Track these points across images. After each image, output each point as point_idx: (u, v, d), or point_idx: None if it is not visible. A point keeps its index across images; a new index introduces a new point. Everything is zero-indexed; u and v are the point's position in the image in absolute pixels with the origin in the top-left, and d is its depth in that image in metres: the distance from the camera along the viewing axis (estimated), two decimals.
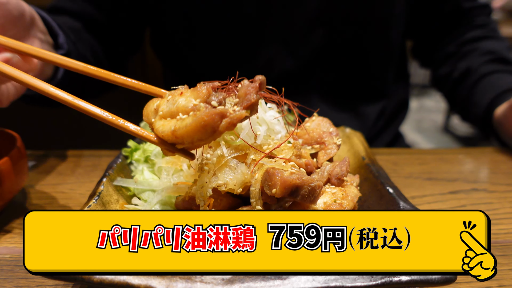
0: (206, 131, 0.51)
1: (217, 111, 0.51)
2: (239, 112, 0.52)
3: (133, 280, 0.48)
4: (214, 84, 0.57)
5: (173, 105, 0.56)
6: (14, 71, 0.61)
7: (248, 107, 0.54)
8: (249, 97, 0.54)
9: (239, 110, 0.52)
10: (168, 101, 0.58)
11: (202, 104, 0.54)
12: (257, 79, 0.56)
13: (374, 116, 1.36)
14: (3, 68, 0.62)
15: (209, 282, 0.49)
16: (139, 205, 0.73)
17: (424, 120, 4.88)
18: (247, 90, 0.55)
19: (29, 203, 0.84)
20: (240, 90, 0.56)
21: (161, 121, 0.57)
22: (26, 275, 0.62)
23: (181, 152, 0.59)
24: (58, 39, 0.96)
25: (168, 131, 0.55)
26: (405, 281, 0.50)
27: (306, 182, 0.58)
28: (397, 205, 0.66)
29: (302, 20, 1.20)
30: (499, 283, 0.63)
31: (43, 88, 0.59)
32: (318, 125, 0.78)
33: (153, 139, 0.59)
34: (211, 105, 0.54)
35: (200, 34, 1.24)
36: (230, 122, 0.51)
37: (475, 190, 0.93)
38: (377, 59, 1.34)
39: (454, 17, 1.41)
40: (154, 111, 0.60)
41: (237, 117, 0.51)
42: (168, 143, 0.57)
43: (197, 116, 0.52)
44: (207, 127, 0.51)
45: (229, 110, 0.51)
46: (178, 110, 0.55)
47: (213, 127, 0.51)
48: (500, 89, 1.21)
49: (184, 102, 0.55)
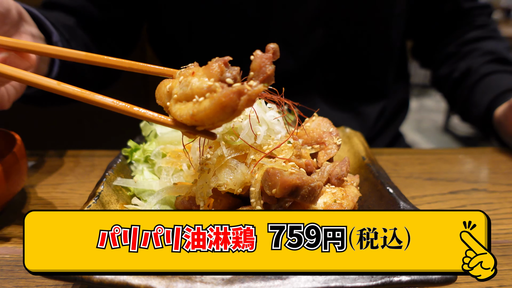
0: (225, 112, 0.49)
1: (234, 90, 0.48)
2: (256, 87, 0.48)
3: (133, 280, 0.48)
4: (225, 59, 0.54)
5: (187, 87, 0.54)
6: (14, 71, 0.60)
7: (264, 80, 0.51)
8: (264, 70, 0.51)
9: (256, 84, 0.49)
10: (181, 83, 0.56)
11: (217, 84, 0.51)
12: (270, 47, 0.53)
13: (374, 116, 1.36)
14: (3, 68, 0.60)
15: (209, 282, 0.49)
16: (139, 205, 0.73)
17: (424, 120, 4.88)
18: (262, 62, 0.51)
19: (29, 203, 0.84)
20: (253, 62, 0.52)
21: (177, 105, 0.55)
22: (26, 275, 0.62)
23: (202, 133, 0.57)
24: (52, 37, 0.94)
25: (187, 115, 0.52)
26: (405, 281, 0.50)
27: (306, 182, 0.58)
28: (397, 205, 0.66)
29: (303, 20, 1.20)
30: (499, 283, 0.63)
31: (50, 84, 0.57)
32: (318, 125, 0.78)
33: (171, 123, 0.57)
34: (226, 82, 0.51)
35: (200, 34, 1.24)
36: (249, 99, 0.48)
37: (475, 190, 0.93)
38: (378, 59, 1.34)
39: (454, 17, 1.41)
40: (167, 93, 0.58)
41: (255, 92, 0.48)
42: (187, 126, 0.55)
43: (214, 98, 0.49)
44: (226, 108, 0.48)
45: (246, 87, 0.48)
46: (193, 93, 0.53)
47: (233, 107, 0.48)
48: (500, 89, 1.21)
49: (198, 83, 0.52)
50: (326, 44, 1.24)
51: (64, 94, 0.57)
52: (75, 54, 0.64)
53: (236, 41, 1.23)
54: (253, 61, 0.53)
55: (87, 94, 0.57)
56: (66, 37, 1.02)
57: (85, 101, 0.57)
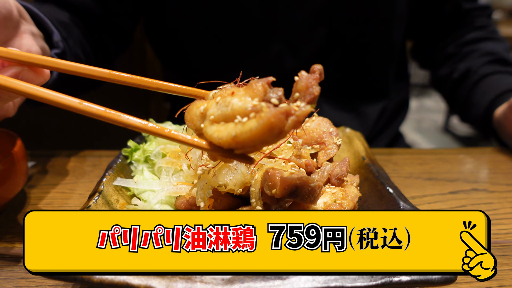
0: (272, 133, 0.46)
1: (282, 111, 0.45)
2: (304, 108, 0.46)
3: (133, 280, 0.48)
4: (268, 80, 0.51)
5: (226, 108, 0.50)
6: (33, 88, 0.55)
7: (311, 101, 0.50)
8: (311, 90, 0.50)
9: (304, 106, 0.47)
10: (218, 103, 0.52)
11: (263, 103, 0.48)
12: (316, 68, 0.51)
13: (375, 116, 1.36)
14: (20, 86, 0.55)
15: (209, 282, 0.49)
16: (139, 205, 0.73)
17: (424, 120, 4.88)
18: (309, 83, 0.50)
19: (29, 203, 0.84)
20: (299, 83, 0.51)
21: (213, 126, 0.51)
22: (26, 275, 0.62)
23: (239, 157, 0.53)
24: (52, 36, 0.92)
25: (228, 137, 0.48)
26: (405, 281, 0.50)
27: (306, 182, 0.58)
28: (397, 205, 0.66)
29: (305, 19, 1.20)
30: (500, 283, 0.63)
31: (71, 103, 0.53)
32: (318, 125, 0.78)
33: (206, 147, 0.53)
34: (272, 103, 0.49)
35: (202, 32, 1.23)
36: (297, 120, 0.46)
37: (475, 190, 0.93)
38: (379, 59, 1.34)
39: (454, 18, 1.41)
40: (200, 115, 0.54)
41: (303, 114, 0.46)
42: (224, 149, 0.51)
43: (262, 118, 0.46)
44: (274, 129, 0.45)
45: (294, 107, 0.46)
46: (234, 113, 0.49)
47: (280, 128, 0.45)
48: (500, 90, 1.21)
49: (240, 103, 0.49)
50: (327, 43, 1.24)
51: (87, 114, 0.53)
52: (97, 72, 0.60)
53: (239, 39, 1.23)
54: (299, 81, 0.51)
55: (112, 114, 0.53)
56: (64, 35, 1.00)
57: (110, 122, 0.53)
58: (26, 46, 0.76)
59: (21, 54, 0.62)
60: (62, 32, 0.99)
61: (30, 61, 0.61)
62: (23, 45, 0.76)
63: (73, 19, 1.12)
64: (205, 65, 1.29)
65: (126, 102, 1.89)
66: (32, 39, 0.79)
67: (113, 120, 0.53)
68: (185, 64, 1.34)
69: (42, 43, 0.87)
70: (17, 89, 0.55)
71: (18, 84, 0.55)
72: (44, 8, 1.01)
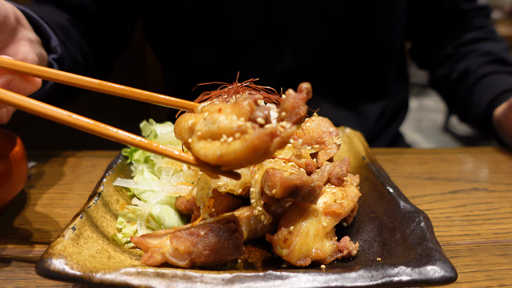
0: (257, 155, 0.46)
1: (267, 133, 0.45)
2: (290, 129, 0.46)
3: (133, 280, 0.48)
4: (255, 98, 0.51)
5: (213, 125, 0.50)
6: (23, 100, 0.55)
7: (297, 122, 0.49)
8: (297, 111, 0.49)
9: (290, 126, 0.46)
10: (206, 119, 0.52)
11: (248, 124, 0.48)
12: (303, 88, 0.51)
13: (375, 115, 1.36)
14: (9, 97, 0.55)
15: (209, 282, 0.49)
16: (139, 205, 0.73)
17: (424, 120, 4.88)
18: (295, 103, 0.49)
19: (29, 203, 0.84)
20: (285, 102, 0.50)
21: (200, 143, 0.51)
22: (26, 275, 0.62)
23: (226, 173, 0.53)
24: (50, 41, 0.91)
25: (213, 155, 0.49)
26: (405, 280, 0.50)
27: (306, 183, 0.58)
28: (397, 205, 0.66)
29: (305, 19, 1.20)
30: (500, 282, 0.63)
31: (61, 116, 0.54)
32: (318, 125, 0.78)
33: (193, 162, 0.53)
34: (257, 122, 0.48)
35: (201, 32, 1.23)
36: (282, 141, 0.46)
37: (475, 190, 0.93)
38: (379, 59, 1.34)
39: (452, 18, 1.41)
40: (188, 129, 0.54)
41: (288, 135, 0.46)
42: (211, 166, 0.51)
43: (247, 140, 0.46)
44: (258, 150, 0.45)
45: (279, 128, 0.46)
46: (220, 131, 0.49)
47: (265, 149, 0.45)
48: (500, 90, 1.22)
49: (226, 122, 0.49)
50: (327, 43, 1.24)
51: (76, 127, 0.54)
52: (87, 82, 0.61)
53: (239, 38, 1.23)
54: (286, 100, 0.50)
55: (101, 128, 0.54)
56: (62, 39, 0.99)
57: (99, 135, 0.54)
58: (23, 53, 0.75)
59: (13, 62, 0.62)
60: (60, 36, 0.98)
61: (22, 70, 0.62)
62: (19, 52, 0.74)
63: (71, 20, 1.12)
64: (205, 65, 1.29)
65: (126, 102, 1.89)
66: (29, 46, 0.78)
67: (102, 134, 0.54)
68: (184, 64, 1.34)
69: (40, 49, 0.87)
70: (6, 100, 0.55)
71: (8, 95, 0.55)
72: (42, 10, 1.01)
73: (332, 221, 0.62)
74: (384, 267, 0.51)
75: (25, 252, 0.68)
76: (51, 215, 0.79)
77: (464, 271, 0.65)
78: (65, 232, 0.54)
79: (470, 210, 0.85)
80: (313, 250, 0.59)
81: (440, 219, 0.81)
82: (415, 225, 0.59)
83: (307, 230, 0.59)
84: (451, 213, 0.83)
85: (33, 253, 0.67)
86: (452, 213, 0.83)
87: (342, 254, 0.61)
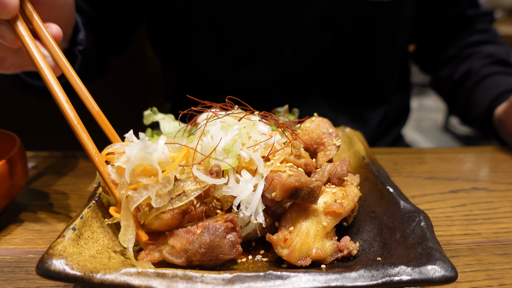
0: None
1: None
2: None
3: (134, 280, 0.48)
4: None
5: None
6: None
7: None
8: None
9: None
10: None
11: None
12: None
13: (377, 121, 1.37)
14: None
15: (210, 282, 0.49)
16: None
17: (424, 119, 4.88)
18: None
19: (29, 204, 0.84)
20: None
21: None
22: (26, 276, 0.62)
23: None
24: (78, 34, 0.95)
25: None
26: (405, 280, 0.50)
27: (305, 184, 0.58)
28: (397, 205, 0.66)
29: (312, 21, 1.20)
30: (500, 282, 0.63)
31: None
32: (317, 125, 0.78)
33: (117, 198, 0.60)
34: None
35: (207, 34, 1.23)
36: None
37: (476, 189, 0.93)
38: (383, 63, 1.34)
39: (457, 23, 1.42)
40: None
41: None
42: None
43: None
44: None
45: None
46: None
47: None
48: (501, 90, 1.22)
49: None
50: (333, 46, 1.24)
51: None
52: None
53: (244, 41, 1.23)
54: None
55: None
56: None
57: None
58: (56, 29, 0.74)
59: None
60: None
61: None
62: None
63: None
64: (207, 68, 1.28)
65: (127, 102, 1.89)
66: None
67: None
68: (189, 65, 1.33)
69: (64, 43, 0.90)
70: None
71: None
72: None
73: (333, 221, 0.62)
74: (384, 267, 0.51)
75: (25, 252, 0.68)
76: (51, 215, 0.79)
77: (465, 271, 0.65)
78: (66, 233, 0.54)
79: (470, 209, 0.85)
80: (313, 250, 0.59)
81: (440, 218, 0.81)
82: (415, 225, 0.59)
83: (308, 230, 0.59)
84: (451, 212, 0.83)
85: (34, 253, 0.67)
86: (452, 213, 0.83)
87: (342, 254, 0.61)
